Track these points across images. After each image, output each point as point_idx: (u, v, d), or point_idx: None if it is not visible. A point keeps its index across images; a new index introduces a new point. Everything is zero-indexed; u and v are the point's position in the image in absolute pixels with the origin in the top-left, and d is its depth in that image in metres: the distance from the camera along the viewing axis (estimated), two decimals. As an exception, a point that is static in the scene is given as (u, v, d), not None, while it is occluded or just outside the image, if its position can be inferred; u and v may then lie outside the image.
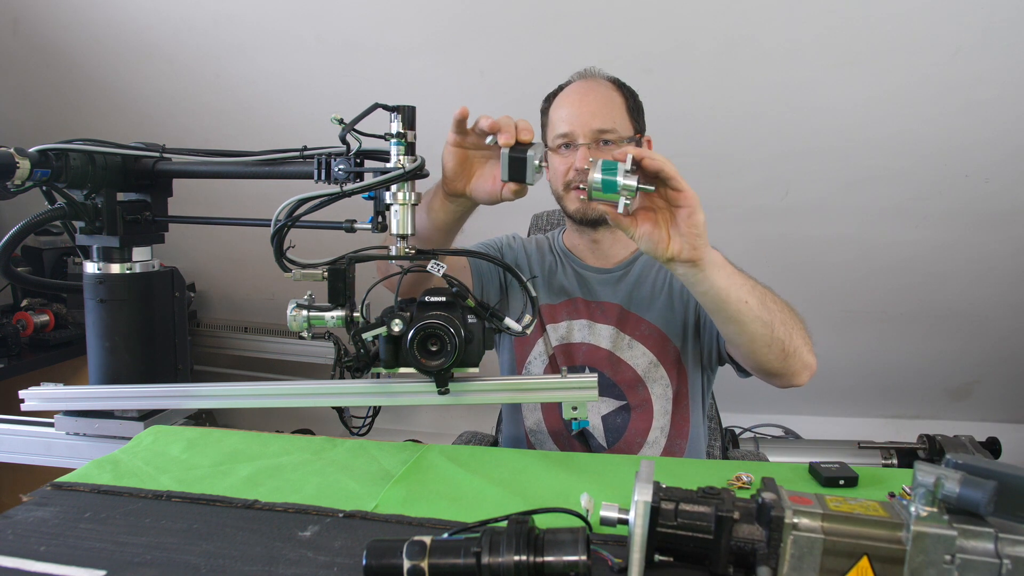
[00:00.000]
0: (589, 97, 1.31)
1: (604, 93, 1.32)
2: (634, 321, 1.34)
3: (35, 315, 2.33)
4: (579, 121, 1.28)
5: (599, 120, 1.28)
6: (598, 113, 1.28)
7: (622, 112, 1.32)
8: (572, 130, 1.29)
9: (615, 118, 1.29)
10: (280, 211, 0.97)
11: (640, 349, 1.33)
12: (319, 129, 1.09)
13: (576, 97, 1.32)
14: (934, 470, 0.58)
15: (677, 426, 1.33)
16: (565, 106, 1.32)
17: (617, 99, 1.32)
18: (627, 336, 1.34)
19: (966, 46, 1.90)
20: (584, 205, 1.31)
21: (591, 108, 1.29)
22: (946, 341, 2.61)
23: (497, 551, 0.62)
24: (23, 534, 0.78)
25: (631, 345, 1.33)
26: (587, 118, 1.28)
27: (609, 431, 1.33)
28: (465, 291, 0.94)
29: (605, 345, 1.34)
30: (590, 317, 1.37)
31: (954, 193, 2.20)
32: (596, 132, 1.27)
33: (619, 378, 1.33)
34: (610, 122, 1.28)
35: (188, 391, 1.08)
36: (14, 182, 0.99)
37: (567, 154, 1.30)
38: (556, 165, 1.32)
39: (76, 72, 2.48)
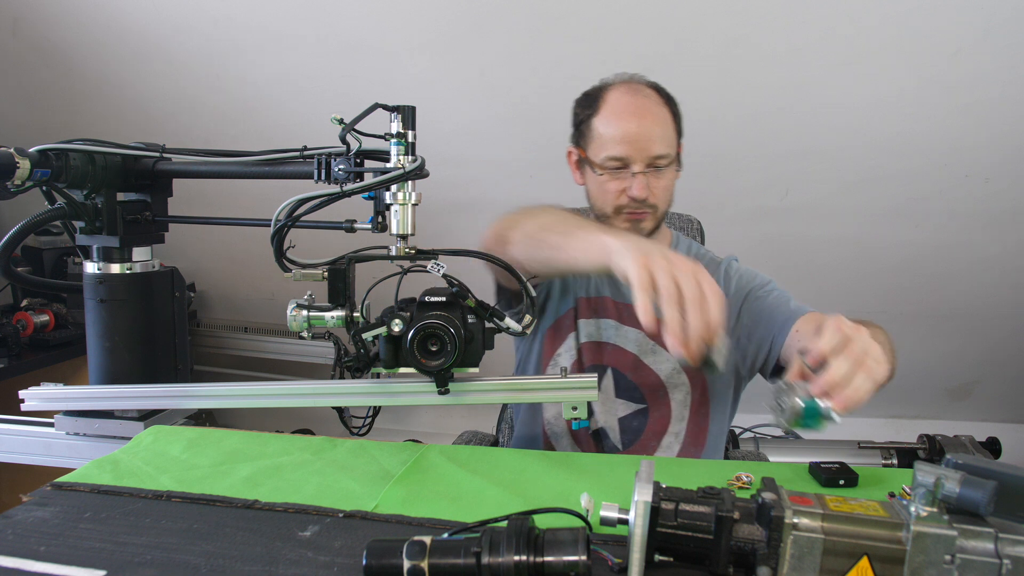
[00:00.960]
0: (647, 120, 1.25)
1: (658, 113, 1.27)
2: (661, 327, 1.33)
3: (35, 315, 2.33)
4: (636, 147, 1.23)
5: (656, 145, 1.23)
6: (655, 138, 1.24)
7: (672, 130, 1.28)
8: (628, 155, 1.24)
9: (668, 140, 1.26)
10: (280, 211, 0.97)
11: (664, 355, 1.31)
12: (319, 129, 1.09)
13: (632, 117, 1.26)
14: (934, 470, 0.58)
15: (692, 434, 1.31)
16: (618, 124, 1.26)
17: (667, 116, 1.28)
18: (651, 341, 1.32)
19: (966, 46, 1.90)
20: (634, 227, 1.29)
21: (648, 132, 1.24)
22: (946, 341, 2.61)
23: (497, 551, 0.62)
24: (23, 534, 0.78)
25: (655, 350, 1.31)
26: (645, 144, 1.23)
27: (625, 433, 1.32)
28: (465, 291, 0.94)
29: (631, 348, 1.32)
30: (618, 319, 1.35)
31: (954, 193, 2.20)
32: (652, 158, 1.24)
33: (641, 382, 1.31)
34: (665, 146, 1.24)
35: (188, 391, 1.08)
36: (14, 182, 0.99)
37: (619, 175, 1.26)
38: (607, 186, 1.27)
39: (76, 72, 2.48)
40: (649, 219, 1.29)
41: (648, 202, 1.26)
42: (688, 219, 1.60)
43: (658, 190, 1.26)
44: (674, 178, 1.31)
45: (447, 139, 2.24)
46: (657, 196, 1.27)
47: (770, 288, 1.32)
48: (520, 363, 1.47)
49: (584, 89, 1.38)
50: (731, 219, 2.35)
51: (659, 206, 1.29)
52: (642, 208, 1.27)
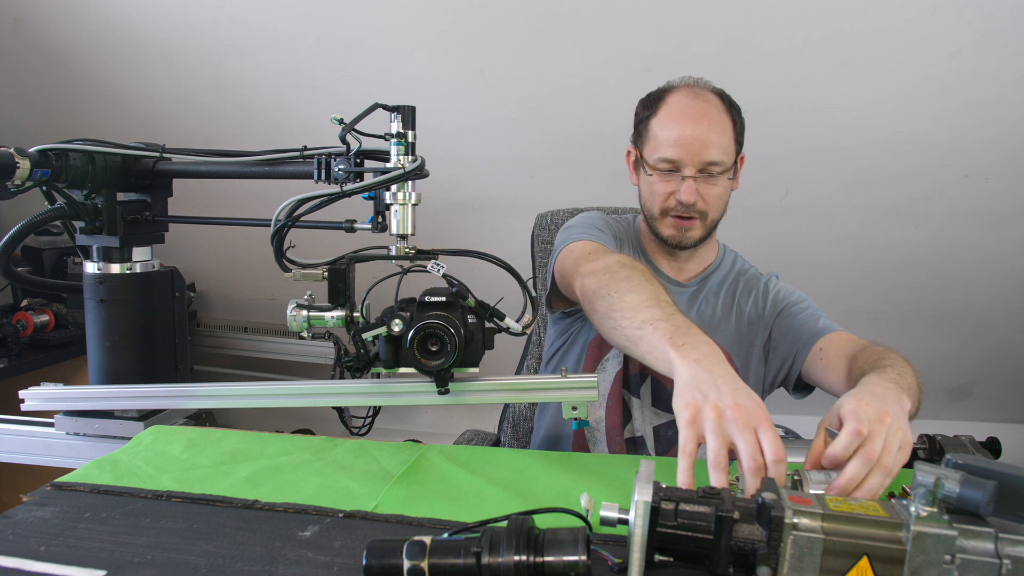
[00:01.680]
0: (703, 124, 1.24)
1: (717, 119, 1.25)
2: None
3: (35, 315, 2.33)
4: (690, 150, 1.22)
5: (710, 151, 1.22)
6: (710, 143, 1.22)
7: (731, 139, 1.26)
8: (680, 158, 1.23)
9: (724, 148, 1.24)
10: (280, 211, 0.97)
11: None
12: (319, 129, 1.09)
13: (689, 121, 1.24)
14: (934, 470, 0.58)
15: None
16: (675, 126, 1.24)
17: (727, 124, 1.26)
18: None
19: (966, 46, 1.90)
20: (681, 233, 1.27)
21: (703, 136, 1.22)
22: (946, 341, 2.61)
23: (497, 551, 0.62)
24: (23, 534, 0.78)
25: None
26: (699, 149, 1.22)
27: (659, 442, 1.30)
28: (465, 291, 0.94)
29: None
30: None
31: (954, 193, 2.20)
32: (704, 164, 1.23)
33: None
34: (720, 154, 1.23)
35: (188, 391, 1.08)
36: (14, 182, 0.99)
37: (670, 178, 1.25)
38: (657, 188, 1.27)
39: (76, 72, 2.48)
40: (698, 226, 1.28)
41: (697, 207, 1.25)
42: (690, 219, 1.60)
43: (709, 197, 1.25)
44: (728, 188, 1.30)
45: (447, 139, 2.24)
46: (708, 203, 1.26)
47: (804, 306, 1.33)
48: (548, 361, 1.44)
49: (583, 89, 1.38)
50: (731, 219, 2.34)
51: (709, 214, 1.27)
52: (690, 213, 1.26)
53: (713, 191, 1.26)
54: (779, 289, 1.37)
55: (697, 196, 1.24)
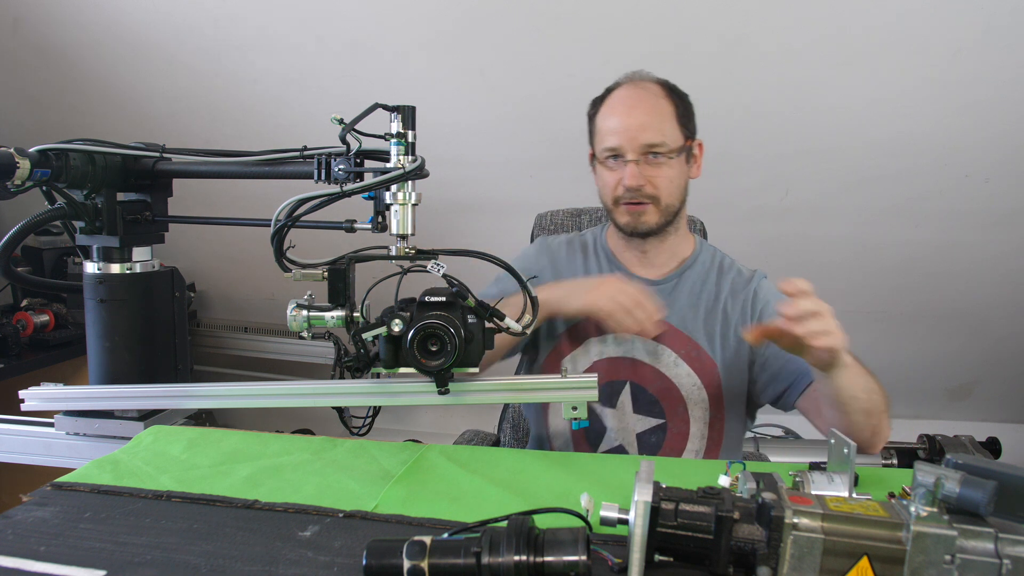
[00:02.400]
0: (638, 109, 1.27)
1: (652, 102, 1.28)
2: (682, 340, 1.30)
3: (35, 315, 2.32)
4: (627, 136, 1.25)
5: (647, 134, 1.24)
6: (647, 126, 1.25)
7: (671, 121, 1.28)
8: (620, 144, 1.25)
9: (664, 130, 1.26)
10: (280, 211, 0.97)
11: (685, 369, 1.29)
12: (319, 129, 1.09)
13: (624, 108, 1.28)
14: (934, 470, 0.58)
15: (710, 452, 1.30)
16: (613, 116, 1.28)
17: (666, 107, 1.28)
18: (674, 354, 1.29)
19: (966, 46, 1.90)
20: (635, 219, 1.28)
21: (639, 120, 1.25)
22: (946, 341, 2.61)
23: (497, 551, 0.62)
24: (23, 534, 0.78)
25: (677, 363, 1.29)
26: (635, 132, 1.25)
27: (644, 448, 1.29)
28: (465, 291, 0.94)
29: (647, 360, 1.30)
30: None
31: (954, 193, 2.20)
32: (644, 147, 1.24)
33: (662, 395, 1.29)
34: (659, 135, 1.25)
35: (188, 391, 1.08)
36: (14, 182, 0.99)
37: (616, 167, 1.27)
38: (606, 178, 1.29)
39: (76, 72, 2.48)
40: (651, 211, 1.28)
41: (645, 192, 1.26)
42: (691, 220, 1.60)
43: (657, 180, 1.26)
44: (680, 172, 1.30)
45: (447, 139, 2.24)
46: (657, 187, 1.26)
47: None
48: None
49: (583, 89, 1.38)
50: (731, 219, 2.34)
51: (660, 198, 1.27)
52: (638, 198, 1.26)
53: (660, 174, 1.26)
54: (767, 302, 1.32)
55: (642, 179, 1.25)
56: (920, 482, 0.59)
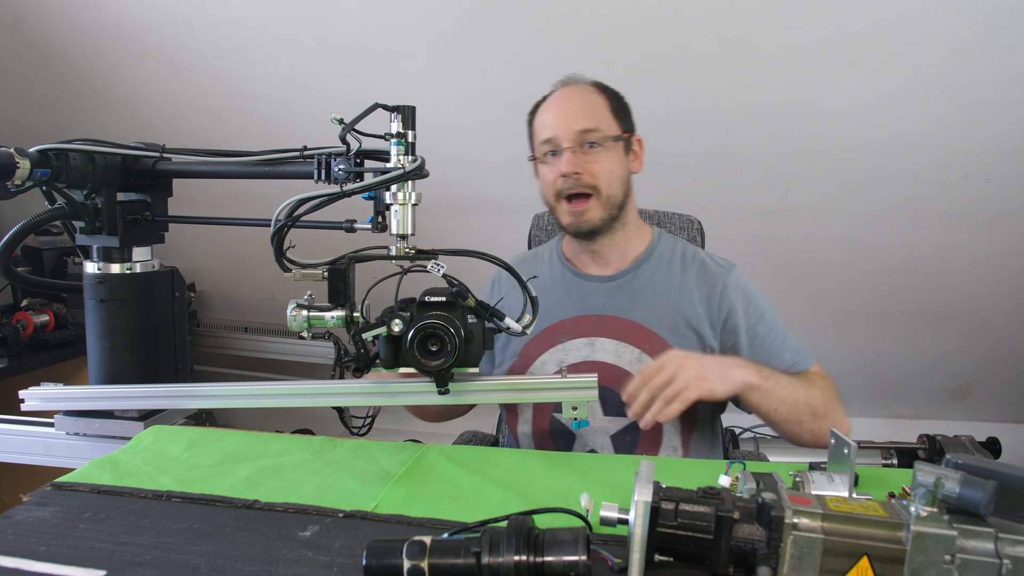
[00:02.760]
0: (571, 100, 1.30)
1: (585, 95, 1.30)
2: (644, 335, 1.29)
3: (35, 315, 2.33)
4: (562, 125, 1.27)
5: (581, 120, 1.26)
6: (580, 114, 1.26)
7: (605, 112, 1.29)
8: (555, 134, 1.27)
9: (598, 117, 1.27)
10: (280, 211, 0.97)
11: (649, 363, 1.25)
12: (319, 129, 1.09)
13: (558, 102, 1.31)
14: (934, 470, 0.58)
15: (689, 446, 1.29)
16: (547, 112, 1.31)
17: (599, 99, 1.30)
18: (636, 350, 1.28)
19: (966, 47, 1.90)
20: (577, 217, 1.28)
21: (572, 110, 1.27)
22: (946, 341, 2.61)
23: (497, 551, 0.62)
24: (23, 534, 0.78)
25: (640, 359, 1.28)
26: (569, 120, 1.26)
27: (620, 448, 1.28)
28: (465, 291, 0.94)
29: (610, 360, 1.28)
30: (591, 333, 1.31)
31: (954, 193, 2.20)
32: (579, 133, 1.25)
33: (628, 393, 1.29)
34: (593, 121, 1.26)
35: (188, 391, 1.08)
36: (14, 182, 0.99)
37: (553, 161, 1.28)
38: (544, 174, 1.30)
39: (76, 72, 2.48)
40: (594, 205, 1.27)
41: (584, 181, 1.25)
42: (688, 219, 1.60)
43: (595, 169, 1.26)
44: (618, 163, 1.29)
45: (447, 139, 2.24)
46: (596, 176, 1.26)
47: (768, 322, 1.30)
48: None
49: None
50: (731, 219, 2.34)
51: (600, 187, 1.26)
52: (578, 188, 1.26)
53: (598, 163, 1.26)
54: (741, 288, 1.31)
55: (579, 167, 1.25)
56: (920, 482, 0.59)
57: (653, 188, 1.46)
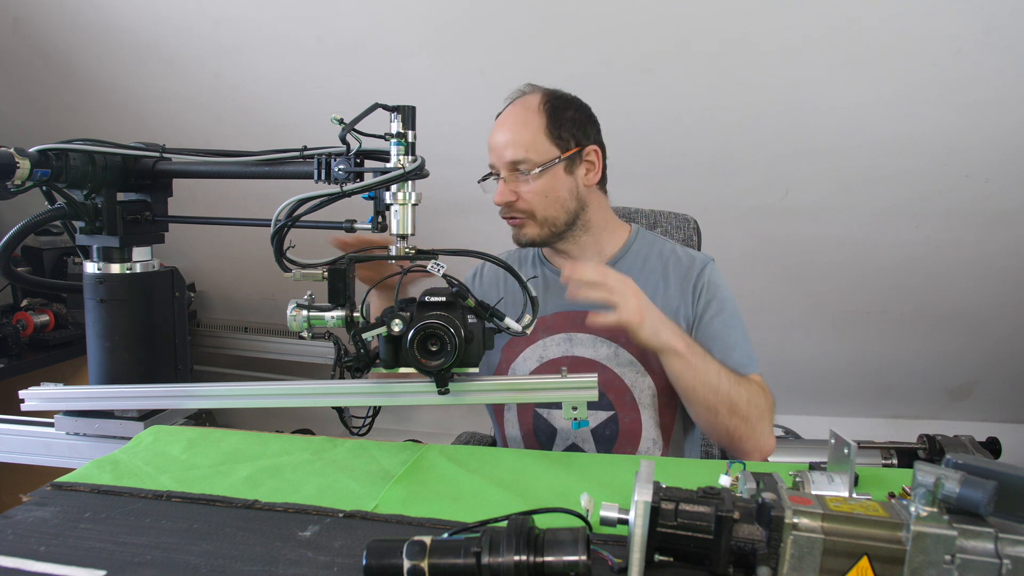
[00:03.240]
0: (502, 128, 1.30)
1: (521, 118, 1.29)
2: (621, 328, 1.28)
3: (35, 315, 2.33)
4: (495, 154, 1.29)
5: (510, 150, 1.27)
6: (510, 143, 1.27)
7: (538, 136, 1.27)
8: (493, 163, 1.30)
9: (527, 145, 1.26)
10: (280, 211, 0.97)
11: (627, 357, 1.29)
12: (319, 129, 1.09)
13: (496, 127, 1.32)
14: (934, 470, 0.58)
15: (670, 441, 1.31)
16: (491, 134, 1.32)
17: (535, 122, 1.28)
18: (614, 344, 1.30)
19: (966, 47, 1.90)
20: (516, 232, 1.32)
21: (503, 138, 1.28)
22: (946, 341, 2.61)
23: (497, 551, 0.62)
24: (23, 534, 0.78)
25: (618, 353, 1.30)
26: (500, 151, 1.28)
27: (600, 442, 1.30)
28: (465, 291, 0.94)
29: (588, 355, 1.31)
30: (569, 328, 1.33)
31: (954, 193, 2.20)
32: (509, 164, 1.27)
33: (607, 388, 1.29)
34: (521, 151, 1.26)
35: (188, 391, 1.08)
36: (14, 182, 0.99)
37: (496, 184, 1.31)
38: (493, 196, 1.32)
39: (76, 72, 2.48)
40: (530, 225, 1.30)
41: (518, 207, 1.29)
42: (684, 218, 1.60)
43: (527, 195, 1.28)
44: (554, 184, 1.28)
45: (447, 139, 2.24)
46: (529, 201, 1.28)
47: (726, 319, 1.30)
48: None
49: (583, 89, 1.38)
50: (731, 219, 2.34)
51: (535, 212, 1.29)
52: (511, 213, 1.30)
53: (527, 188, 1.28)
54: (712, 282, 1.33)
55: (510, 195, 1.28)
56: (920, 482, 0.59)
57: (653, 188, 1.47)
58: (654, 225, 1.59)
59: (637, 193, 1.37)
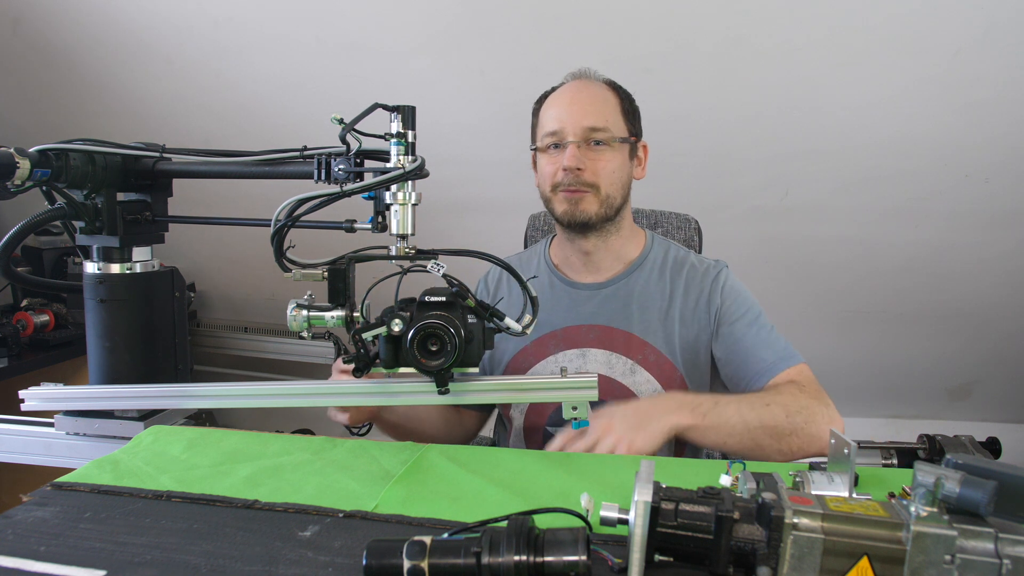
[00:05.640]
0: (582, 95, 1.27)
1: (597, 92, 1.28)
2: (637, 345, 1.27)
3: (35, 315, 2.33)
4: (570, 119, 1.24)
5: (591, 118, 1.23)
6: (590, 111, 1.24)
7: (616, 112, 1.27)
8: (562, 127, 1.24)
9: (607, 117, 1.24)
10: (280, 211, 0.97)
11: (643, 376, 1.26)
12: (319, 129, 1.09)
13: (568, 95, 1.28)
14: (934, 470, 0.58)
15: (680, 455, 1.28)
16: (556, 105, 1.28)
17: (612, 99, 1.27)
18: (629, 361, 1.26)
19: (966, 46, 1.90)
20: (572, 206, 1.25)
21: (582, 106, 1.24)
22: (946, 341, 2.61)
23: (497, 551, 0.62)
24: (23, 534, 0.78)
25: (633, 371, 1.26)
26: (578, 116, 1.23)
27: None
28: (465, 291, 0.94)
29: (603, 371, 1.27)
30: (582, 344, 1.29)
31: (954, 193, 2.20)
32: (587, 130, 1.22)
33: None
34: (602, 120, 1.23)
35: (188, 391, 1.08)
36: (14, 182, 0.99)
37: (556, 154, 1.26)
38: (544, 166, 1.27)
39: (76, 72, 2.48)
40: (591, 200, 1.24)
41: (584, 179, 1.23)
42: (685, 218, 1.60)
43: (597, 167, 1.23)
44: (622, 164, 1.26)
45: (447, 139, 2.24)
46: (597, 174, 1.23)
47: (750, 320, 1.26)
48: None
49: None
50: (731, 219, 2.34)
51: (600, 186, 1.24)
52: (577, 185, 1.24)
53: (600, 161, 1.24)
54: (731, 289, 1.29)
55: (582, 163, 1.23)
56: (920, 482, 0.59)
57: (653, 188, 1.46)
58: (655, 225, 1.59)
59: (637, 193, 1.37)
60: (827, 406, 1.12)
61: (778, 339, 1.25)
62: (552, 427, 1.30)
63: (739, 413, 1.08)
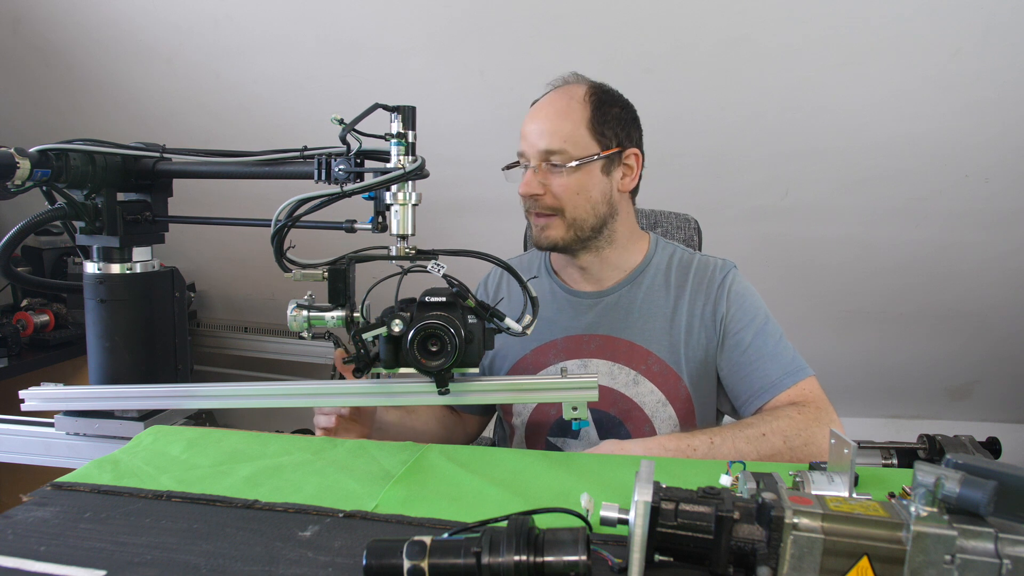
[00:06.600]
0: (541, 113, 1.21)
1: (563, 108, 1.20)
2: (640, 355, 1.24)
3: (35, 315, 2.33)
4: (527, 141, 1.20)
5: (546, 139, 1.17)
6: (546, 131, 1.18)
7: (580, 128, 1.19)
8: (523, 150, 1.21)
9: (566, 137, 1.17)
10: (280, 211, 0.97)
11: (647, 386, 1.23)
12: (319, 129, 1.09)
13: (533, 113, 1.23)
14: (934, 470, 0.58)
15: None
16: (525, 123, 1.23)
17: (578, 113, 1.19)
18: (632, 372, 1.24)
19: (966, 47, 1.90)
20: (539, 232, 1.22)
21: (540, 126, 1.19)
22: (946, 341, 2.61)
23: (497, 551, 0.62)
24: (23, 534, 0.78)
25: (637, 381, 1.23)
26: (535, 138, 1.19)
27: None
28: (465, 291, 0.94)
29: (604, 382, 1.24)
30: (583, 354, 1.26)
31: (954, 193, 2.20)
32: (543, 153, 1.18)
33: (625, 417, 1.23)
34: (558, 141, 1.17)
35: (188, 391, 1.08)
36: (14, 182, 0.99)
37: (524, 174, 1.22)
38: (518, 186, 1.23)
39: (76, 72, 2.48)
40: (557, 225, 1.20)
41: (544, 202, 1.19)
42: (685, 218, 1.60)
43: (556, 189, 1.18)
44: (587, 183, 1.20)
45: (447, 139, 2.24)
46: (558, 197, 1.18)
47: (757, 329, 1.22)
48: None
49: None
50: (731, 219, 2.35)
51: (564, 209, 1.19)
52: (537, 208, 1.21)
53: (558, 182, 1.18)
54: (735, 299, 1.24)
55: (537, 187, 1.19)
56: (920, 482, 0.59)
57: (653, 188, 1.47)
58: (655, 225, 1.59)
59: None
60: (826, 423, 1.10)
61: (785, 349, 1.22)
62: (554, 437, 1.30)
63: (736, 450, 1.06)
